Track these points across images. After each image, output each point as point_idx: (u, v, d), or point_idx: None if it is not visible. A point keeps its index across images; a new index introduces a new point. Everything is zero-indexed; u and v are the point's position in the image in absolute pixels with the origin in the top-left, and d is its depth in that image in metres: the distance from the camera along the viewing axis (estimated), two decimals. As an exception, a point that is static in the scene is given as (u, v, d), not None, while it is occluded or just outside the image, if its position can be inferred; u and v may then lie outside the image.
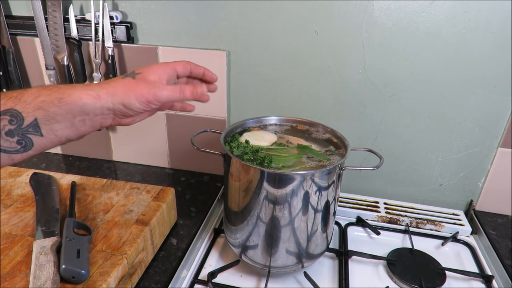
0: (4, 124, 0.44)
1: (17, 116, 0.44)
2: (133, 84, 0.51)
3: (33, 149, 0.47)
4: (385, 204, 0.91)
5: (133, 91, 0.50)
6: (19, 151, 0.46)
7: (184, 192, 0.94)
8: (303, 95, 0.88)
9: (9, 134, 0.44)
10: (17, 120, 0.44)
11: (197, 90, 0.54)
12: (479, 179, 0.89)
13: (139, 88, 0.50)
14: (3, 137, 0.44)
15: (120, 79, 0.51)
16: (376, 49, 0.80)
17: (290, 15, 0.80)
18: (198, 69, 0.60)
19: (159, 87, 0.51)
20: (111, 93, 0.49)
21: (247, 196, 0.62)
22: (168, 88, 0.52)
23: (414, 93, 0.82)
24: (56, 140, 0.48)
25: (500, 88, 0.78)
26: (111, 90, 0.49)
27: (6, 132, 0.44)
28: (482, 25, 0.74)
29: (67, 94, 0.46)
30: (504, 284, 0.70)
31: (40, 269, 0.54)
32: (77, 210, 0.70)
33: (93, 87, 0.49)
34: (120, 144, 1.05)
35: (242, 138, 0.69)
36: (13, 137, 0.45)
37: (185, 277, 0.69)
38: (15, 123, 0.44)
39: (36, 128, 0.46)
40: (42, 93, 0.46)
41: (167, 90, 0.52)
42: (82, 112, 0.48)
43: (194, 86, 0.54)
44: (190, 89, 0.53)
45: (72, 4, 0.87)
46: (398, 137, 0.88)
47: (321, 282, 0.69)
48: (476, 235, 0.85)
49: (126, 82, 0.51)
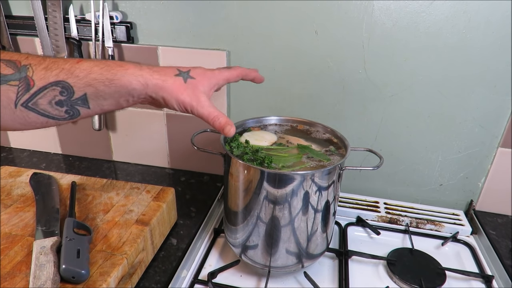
0: (55, 94, 0.47)
1: (68, 89, 0.47)
2: (181, 88, 0.52)
3: (79, 118, 0.50)
4: (385, 204, 0.91)
5: (177, 95, 0.51)
6: (66, 119, 0.50)
7: (184, 192, 0.94)
8: (303, 95, 0.88)
9: (58, 104, 0.48)
10: (68, 93, 0.47)
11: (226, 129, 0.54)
12: (479, 179, 0.89)
13: (184, 95, 0.52)
14: (53, 106, 0.47)
15: (173, 76, 0.52)
16: (376, 49, 0.80)
17: (290, 15, 0.80)
18: (250, 75, 0.62)
19: (200, 103, 0.52)
20: (159, 86, 0.51)
21: (247, 196, 0.62)
22: (206, 110, 0.53)
23: (414, 93, 0.82)
24: (100, 112, 0.52)
25: (500, 88, 0.78)
26: (159, 84, 0.51)
27: (56, 102, 0.47)
28: (482, 25, 0.74)
29: (118, 77, 0.48)
30: (504, 284, 0.70)
31: (40, 269, 0.54)
32: (77, 210, 0.70)
33: (144, 73, 0.50)
34: (120, 144, 1.05)
35: (242, 138, 0.69)
36: (62, 107, 0.48)
37: (185, 277, 0.69)
38: (66, 95, 0.47)
39: (85, 101, 0.49)
40: (94, 70, 0.48)
41: (204, 110, 0.53)
42: (128, 94, 0.50)
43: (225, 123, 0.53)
44: (221, 123, 0.53)
45: (72, 4, 0.87)
46: (398, 137, 0.88)
47: (321, 282, 0.69)
48: (476, 235, 0.85)
49: (176, 84, 0.52)
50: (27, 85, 0.46)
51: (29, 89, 0.46)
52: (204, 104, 0.53)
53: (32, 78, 0.46)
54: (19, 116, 0.47)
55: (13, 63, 0.46)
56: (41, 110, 0.47)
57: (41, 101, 0.47)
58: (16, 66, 0.46)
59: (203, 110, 0.52)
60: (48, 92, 0.47)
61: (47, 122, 0.49)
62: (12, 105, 0.46)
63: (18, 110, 0.46)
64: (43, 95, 0.46)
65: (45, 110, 0.47)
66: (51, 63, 0.47)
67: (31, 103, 0.46)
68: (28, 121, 0.48)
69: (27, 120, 0.47)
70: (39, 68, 0.47)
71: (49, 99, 0.47)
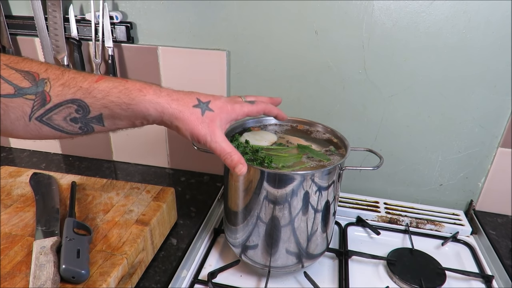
0: (70, 111, 0.47)
1: (85, 108, 0.47)
2: (198, 121, 0.51)
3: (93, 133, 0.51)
4: (385, 204, 0.91)
5: (192, 128, 0.51)
6: (79, 134, 0.50)
7: (184, 192, 0.94)
8: (303, 95, 0.88)
9: (73, 121, 0.48)
10: (84, 111, 0.48)
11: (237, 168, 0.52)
12: (479, 179, 0.89)
13: (199, 128, 0.51)
14: (68, 122, 0.48)
15: (191, 107, 0.51)
16: (376, 49, 0.80)
17: (290, 15, 0.80)
18: (273, 112, 0.61)
19: (214, 138, 0.52)
20: (174, 116, 0.50)
21: (247, 196, 0.62)
22: (220, 146, 0.52)
23: (414, 93, 0.82)
24: (115, 129, 0.53)
25: (500, 88, 0.78)
26: (176, 114, 0.50)
27: (71, 119, 0.48)
28: (482, 25, 0.74)
29: (135, 102, 0.48)
30: (504, 284, 0.70)
31: (40, 269, 0.54)
32: (77, 210, 0.70)
33: (162, 101, 0.49)
34: (120, 144, 1.05)
35: (242, 138, 0.69)
36: (76, 124, 0.48)
37: (185, 277, 0.69)
38: (81, 113, 0.48)
39: (100, 120, 0.49)
40: (112, 92, 0.48)
41: (217, 146, 0.52)
42: (144, 118, 0.51)
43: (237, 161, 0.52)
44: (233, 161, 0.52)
45: (72, 4, 0.87)
46: (398, 137, 0.88)
47: (321, 282, 0.69)
48: (476, 235, 0.85)
49: (194, 116, 0.51)
50: (43, 100, 0.46)
51: (45, 104, 0.46)
52: (218, 139, 0.52)
53: (49, 93, 0.46)
54: (32, 128, 0.47)
55: (32, 75, 0.46)
56: (55, 125, 0.47)
57: (56, 117, 0.47)
58: (34, 79, 0.46)
59: (216, 145, 0.52)
60: (63, 109, 0.47)
61: (60, 135, 0.49)
62: (26, 118, 0.46)
63: (32, 123, 0.46)
64: (59, 111, 0.46)
65: (59, 125, 0.47)
66: (69, 79, 0.47)
67: (45, 117, 0.46)
68: (41, 134, 0.48)
69: (40, 133, 0.48)
70: (57, 84, 0.46)
71: (64, 115, 0.47)
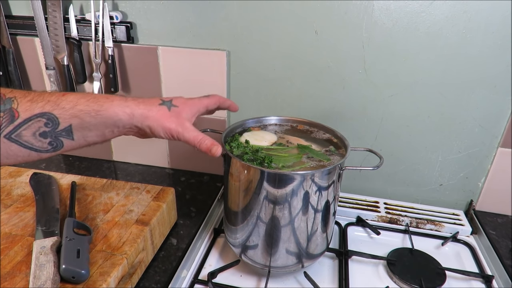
0: (39, 126, 0.47)
1: (54, 120, 0.47)
2: (166, 116, 0.54)
3: (62, 150, 0.50)
4: (385, 204, 0.91)
5: (163, 123, 0.53)
6: (48, 151, 0.49)
7: (184, 192, 0.94)
8: (303, 95, 0.88)
9: (42, 135, 0.47)
10: (53, 124, 0.47)
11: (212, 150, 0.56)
12: (479, 179, 0.89)
13: (169, 122, 0.54)
14: (37, 137, 0.47)
15: (157, 105, 0.54)
16: (376, 49, 0.80)
17: (290, 15, 0.80)
18: (226, 103, 0.65)
19: (186, 129, 0.55)
20: (144, 116, 0.52)
21: (247, 196, 0.62)
22: (192, 134, 0.55)
23: (414, 93, 0.82)
24: (84, 144, 0.52)
25: (500, 88, 0.78)
26: (145, 113, 0.52)
27: (40, 133, 0.47)
28: (482, 25, 0.74)
29: (104, 108, 0.49)
30: (504, 284, 0.70)
31: (40, 269, 0.54)
32: (77, 210, 0.70)
33: (130, 104, 0.52)
34: (120, 144, 1.05)
35: (242, 138, 0.69)
36: (45, 138, 0.48)
37: (185, 277, 0.69)
38: (51, 126, 0.47)
39: (69, 133, 0.49)
40: (80, 102, 0.49)
41: (190, 135, 0.55)
42: (114, 125, 0.51)
43: (211, 144, 0.56)
44: (207, 145, 0.56)
45: (72, 4, 0.87)
46: (398, 137, 0.88)
47: (321, 282, 0.69)
48: (476, 235, 0.85)
49: (161, 112, 0.54)
50: (12, 117, 0.45)
51: (14, 120, 0.46)
52: (189, 129, 0.55)
53: (17, 109, 0.46)
54: (1, 148, 0.46)
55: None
56: (24, 142, 0.47)
57: (25, 133, 0.46)
58: (0, 99, 0.46)
59: (188, 135, 0.55)
60: (32, 124, 0.46)
61: (29, 155, 0.48)
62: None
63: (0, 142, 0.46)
64: (27, 126, 0.46)
65: (28, 141, 0.47)
66: (36, 96, 0.48)
67: (14, 134, 0.46)
68: (10, 154, 0.47)
69: (9, 153, 0.47)
70: (24, 101, 0.47)
71: (33, 130, 0.47)
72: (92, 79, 0.92)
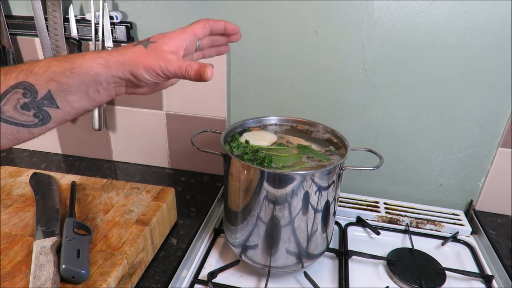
0: (18, 98, 0.44)
1: (31, 89, 0.44)
2: (143, 54, 0.49)
3: (52, 122, 0.47)
4: (385, 204, 0.91)
5: (141, 62, 0.48)
6: (37, 125, 0.46)
7: (184, 192, 0.94)
8: (303, 95, 0.88)
9: (24, 108, 0.44)
10: (31, 93, 0.44)
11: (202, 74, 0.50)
12: (479, 179, 0.89)
13: (148, 59, 0.48)
14: (19, 110, 0.44)
15: (132, 46, 0.50)
16: (376, 49, 0.80)
17: (290, 15, 0.80)
18: (219, 24, 0.57)
19: (168, 61, 0.49)
20: (120, 62, 0.48)
21: (247, 196, 0.62)
22: (176, 64, 0.50)
23: (414, 93, 0.82)
24: (74, 112, 0.48)
25: (500, 88, 0.78)
26: (120, 59, 0.48)
27: (22, 106, 0.44)
28: (482, 25, 0.74)
29: (77, 64, 0.46)
30: (504, 284, 0.70)
31: (40, 269, 0.54)
32: (77, 210, 0.70)
33: (102, 55, 0.47)
34: (120, 144, 1.05)
35: (242, 138, 0.69)
36: (29, 111, 0.45)
37: (185, 277, 0.69)
38: (29, 96, 0.44)
39: (51, 100, 0.45)
40: (53, 64, 0.45)
41: (174, 66, 0.50)
42: (95, 82, 0.47)
43: (199, 67, 0.51)
44: (195, 68, 0.50)
45: (72, 4, 0.87)
46: (398, 137, 0.88)
47: (321, 282, 0.69)
48: (476, 235, 0.85)
49: (136, 52, 0.49)
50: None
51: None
52: (172, 60, 0.49)
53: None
54: None
55: None
56: (8, 118, 0.44)
57: (6, 108, 0.44)
58: None
59: (173, 67, 0.49)
60: (11, 97, 0.44)
61: (18, 131, 0.45)
62: None
63: None
64: (7, 100, 0.44)
65: (12, 117, 0.44)
66: (9, 68, 0.45)
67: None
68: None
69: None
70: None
71: (14, 103, 0.44)
72: (92, 79, 0.92)
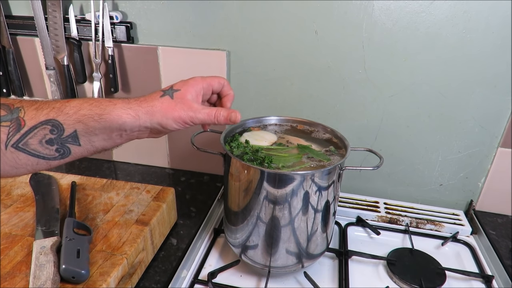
0: (45, 133, 0.47)
1: (58, 126, 0.47)
2: (172, 105, 0.52)
3: (70, 157, 0.50)
4: (385, 204, 0.91)
5: (171, 113, 0.52)
6: (56, 158, 0.49)
7: (184, 192, 0.94)
8: (303, 95, 0.88)
9: (49, 143, 0.47)
10: (58, 131, 0.47)
11: (232, 119, 0.55)
12: (479, 179, 0.89)
13: (177, 110, 0.52)
14: (43, 145, 0.47)
15: (159, 97, 0.53)
16: (376, 49, 0.80)
17: (290, 15, 0.80)
18: (228, 89, 0.61)
19: (196, 110, 0.53)
20: (150, 113, 0.51)
21: (247, 196, 0.62)
22: (204, 112, 0.54)
23: (414, 93, 0.82)
24: (92, 150, 0.51)
25: (500, 88, 0.78)
26: (150, 110, 0.51)
27: (47, 141, 0.47)
28: (482, 25, 0.74)
29: (107, 111, 0.49)
30: (504, 284, 0.70)
31: (40, 269, 0.54)
32: (77, 210, 0.70)
33: (132, 105, 0.50)
34: (120, 144, 1.04)
35: (242, 138, 0.69)
36: (52, 145, 0.48)
37: (185, 277, 0.69)
38: (56, 133, 0.47)
39: (75, 139, 0.49)
40: (83, 106, 0.48)
41: (203, 114, 0.54)
42: (120, 129, 0.50)
43: (228, 113, 0.55)
44: (224, 115, 0.55)
45: (72, 4, 0.88)
46: (398, 137, 0.88)
47: (321, 282, 0.69)
48: (476, 235, 0.85)
49: (165, 103, 0.52)
50: (18, 125, 0.46)
51: (20, 129, 0.46)
52: (199, 110, 0.53)
53: (23, 118, 0.46)
54: (9, 158, 0.46)
55: (7, 105, 0.47)
56: (32, 150, 0.47)
57: (32, 141, 0.46)
58: (9, 108, 0.46)
59: (201, 115, 0.53)
60: (38, 131, 0.47)
61: (37, 163, 0.48)
62: (3, 147, 0.46)
63: (8, 151, 0.46)
64: (34, 134, 0.46)
65: (35, 150, 0.47)
66: (42, 104, 0.48)
67: (21, 143, 0.46)
68: (19, 163, 0.47)
69: (18, 162, 0.47)
70: (30, 109, 0.47)
71: (40, 138, 0.47)
72: (92, 79, 0.92)
